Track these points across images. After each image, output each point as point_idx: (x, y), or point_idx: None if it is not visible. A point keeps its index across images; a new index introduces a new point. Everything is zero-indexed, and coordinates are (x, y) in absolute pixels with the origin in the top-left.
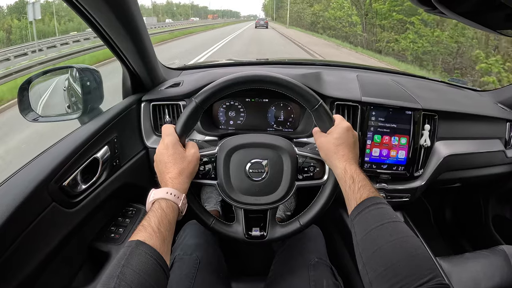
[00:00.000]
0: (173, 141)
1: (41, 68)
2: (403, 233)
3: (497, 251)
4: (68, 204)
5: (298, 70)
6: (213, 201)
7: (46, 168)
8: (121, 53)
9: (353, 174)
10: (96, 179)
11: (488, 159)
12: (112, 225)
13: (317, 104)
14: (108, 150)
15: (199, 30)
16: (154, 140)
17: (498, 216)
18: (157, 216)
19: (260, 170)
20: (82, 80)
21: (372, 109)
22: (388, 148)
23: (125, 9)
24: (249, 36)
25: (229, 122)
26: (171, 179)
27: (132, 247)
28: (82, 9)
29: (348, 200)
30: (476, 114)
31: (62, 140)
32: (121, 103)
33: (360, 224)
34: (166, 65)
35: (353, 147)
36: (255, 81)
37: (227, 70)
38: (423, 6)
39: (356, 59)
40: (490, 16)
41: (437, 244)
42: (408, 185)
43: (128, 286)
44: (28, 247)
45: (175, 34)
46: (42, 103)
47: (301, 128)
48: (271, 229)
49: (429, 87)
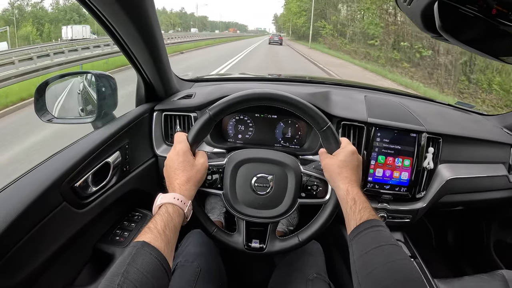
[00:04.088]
0: (184, 149)
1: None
2: (400, 256)
3: (497, 275)
4: (78, 205)
5: (308, 88)
6: (217, 212)
7: (60, 168)
8: (137, 63)
9: (355, 196)
10: (106, 182)
11: (491, 184)
12: (117, 228)
13: (325, 126)
14: (120, 156)
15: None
16: (164, 149)
17: (499, 241)
18: (163, 219)
19: (265, 184)
20: (98, 85)
21: (377, 130)
22: (391, 169)
23: (145, 21)
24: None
25: (238, 136)
26: (179, 185)
27: (138, 247)
28: (104, 20)
29: (348, 220)
30: (480, 139)
31: (77, 143)
32: (134, 111)
33: (358, 244)
34: (180, 76)
35: (357, 170)
36: (268, 98)
37: (239, 85)
38: (430, 32)
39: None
40: (493, 44)
41: (436, 266)
42: (410, 206)
43: (132, 284)
44: (37, 243)
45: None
46: (58, 105)
47: (308, 146)
48: (270, 243)
49: (436, 110)
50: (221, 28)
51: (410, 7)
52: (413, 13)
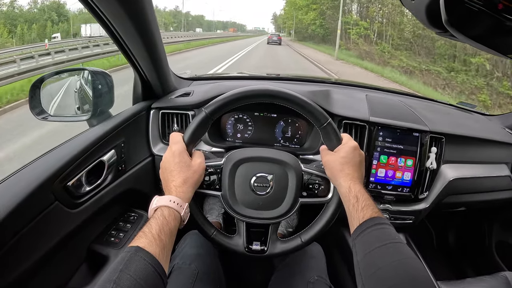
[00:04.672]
0: (180, 149)
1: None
2: (405, 255)
3: (499, 277)
4: (71, 204)
5: (308, 87)
6: (215, 213)
7: (52, 166)
8: (134, 60)
9: (357, 193)
10: (100, 182)
11: (493, 184)
12: (113, 229)
13: (326, 122)
14: (115, 154)
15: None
16: (161, 148)
17: (501, 242)
18: (158, 223)
19: (265, 184)
20: (94, 83)
21: (379, 129)
22: (394, 169)
23: (142, 17)
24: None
25: (237, 135)
26: (175, 187)
27: (131, 252)
28: (103, 17)
29: (351, 219)
30: (483, 138)
31: (70, 141)
32: (130, 109)
33: (361, 243)
34: (178, 74)
35: (359, 166)
36: (266, 95)
37: (238, 83)
38: (435, 29)
39: None
40: (501, 40)
41: (438, 268)
42: (413, 207)
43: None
44: (28, 244)
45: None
46: (53, 102)
47: (308, 145)
48: (272, 244)
49: (438, 109)
50: (216, 27)
51: (414, 3)
52: (418, 8)
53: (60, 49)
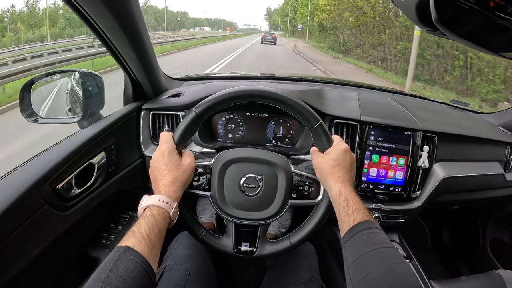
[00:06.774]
0: (169, 149)
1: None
2: (394, 260)
3: (494, 275)
4: (60, 207)
5: (300, 86)
6: (208, 213)
7: (41, 170)
8: (123, 61)
9: (348, 196)
10: (90, 184)
11: (487, 182)
12: (104, 231)
13: (316, 124)
14: (105, 156)
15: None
16: (152, 149)
17: (495, 240)
18: (147, 223)
19: (254, 185)
20: (84, 84)
21: (371, 128)
22: (386, 168)
23: (129, 18)
24: None
25: (228, 135)
26: (164, 186)
27: (120, 252)
28: (87, 16)
29: (341, 222)
30: (476, 137)
31: (59, 143)
32: (121, 110)
33: (351, 248)
34: (169, 75)
35: (350, 169)
36: (256, 96)
37: (230, 83)
38: (425, 27)
39: None
40: (492, 39)
41: (432, 266)
42: (405, 206)
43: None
44: (18, 247)
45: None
46: (44, 104)
47: (299, 145)
48: (261, 246)
49: (430, 108)
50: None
51: (404, 1)
52: (408, 6)
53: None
